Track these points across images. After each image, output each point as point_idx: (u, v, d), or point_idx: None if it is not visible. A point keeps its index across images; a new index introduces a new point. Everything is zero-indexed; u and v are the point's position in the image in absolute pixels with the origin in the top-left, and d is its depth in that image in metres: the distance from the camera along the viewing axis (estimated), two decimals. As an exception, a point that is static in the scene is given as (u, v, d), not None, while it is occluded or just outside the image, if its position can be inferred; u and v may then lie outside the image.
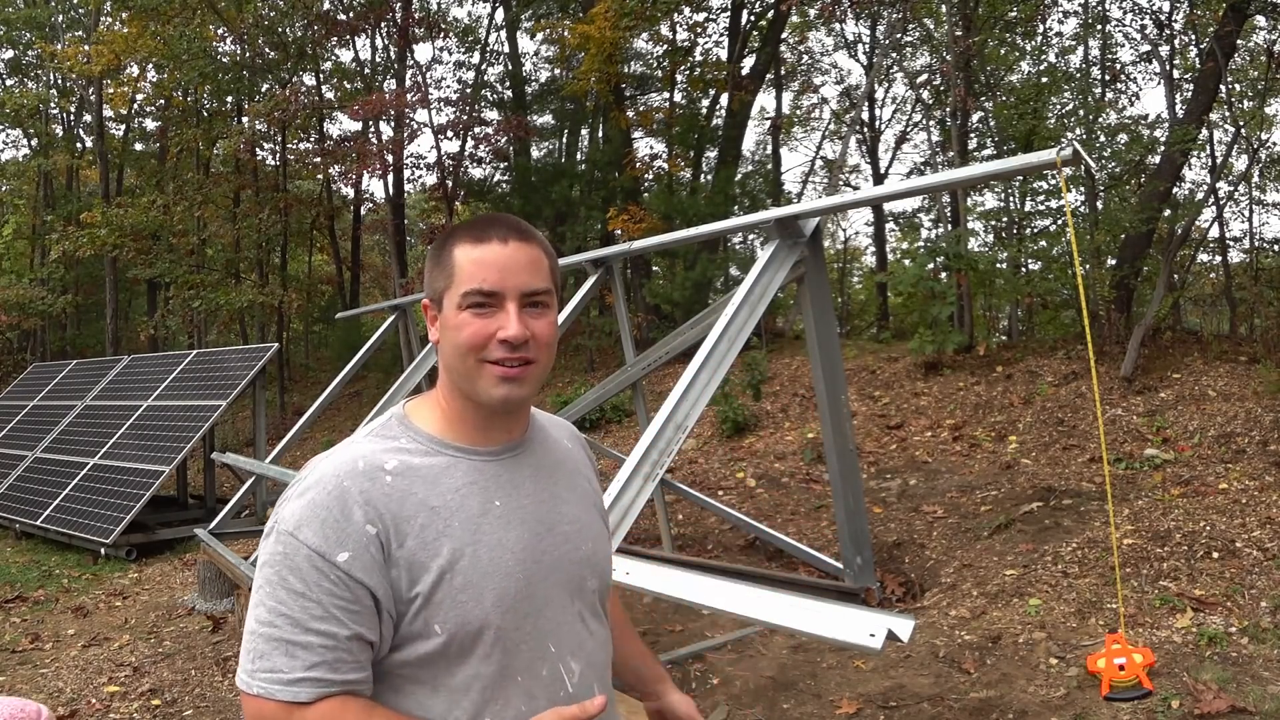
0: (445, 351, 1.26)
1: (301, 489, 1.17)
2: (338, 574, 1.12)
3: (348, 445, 1.24)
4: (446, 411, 1.28)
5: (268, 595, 1.13)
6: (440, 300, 1.26)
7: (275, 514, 1.18)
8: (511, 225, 1.26)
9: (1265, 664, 3.73)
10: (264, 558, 1.16)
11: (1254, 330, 9.59)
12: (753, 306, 3.92)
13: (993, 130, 13.07)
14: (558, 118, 19.12)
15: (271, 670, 1.11)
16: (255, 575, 1.17)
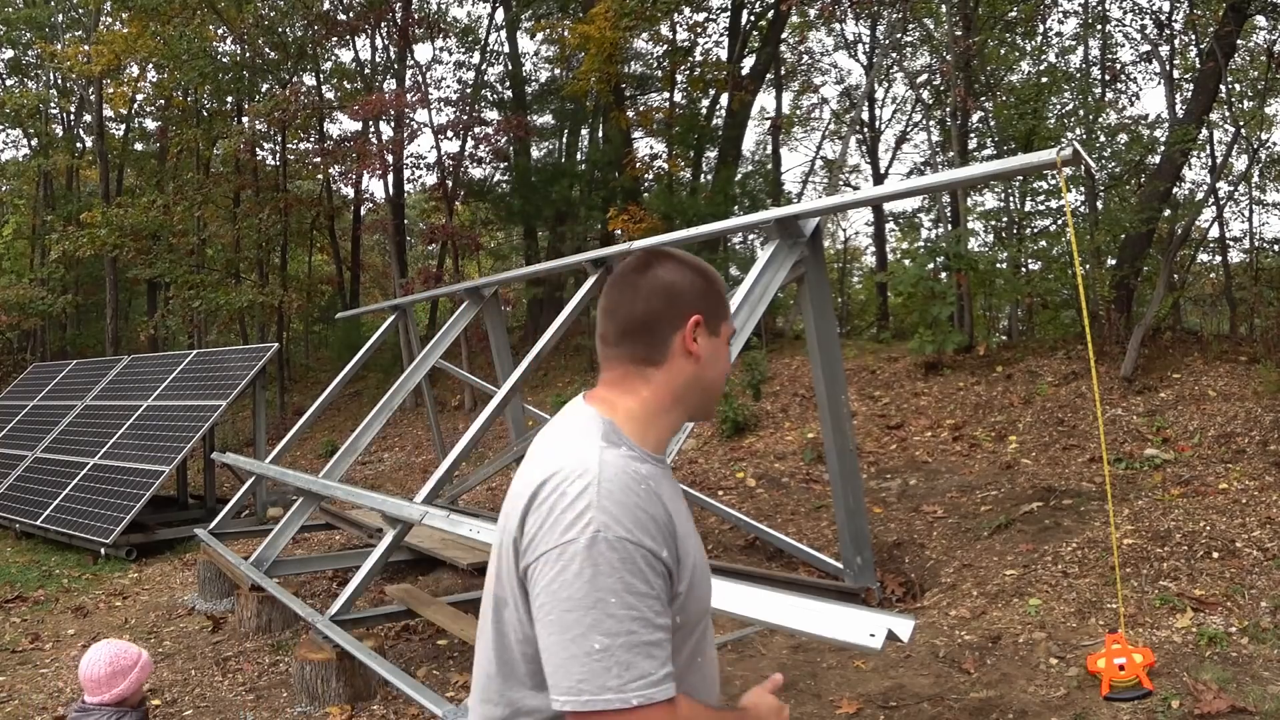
0: (705, 372, 1.36)
1: (602, 494, 1.15)
2: (664, 570, 1.17)
3: (599, 450, 1.22)
4: (651, 421, 1.33)
5: (616, 605, 1.10)
6: (718, 327, 1.37)
7: (575, 526, 1.14)
8: None
9: (1265, 664, 3.73)
10: (601, 566, 1.11)
11: (1254, 330, 9.59)
12: (753, 306, 3.92)
13: (993, 130, 13.06)
14: (558, 118, 19.11)
15: (642, 677, 1.10)
16: (585, 584, 1.11)
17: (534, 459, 1.30)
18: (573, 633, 1.11)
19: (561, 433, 1.32)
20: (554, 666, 1.13)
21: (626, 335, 1.35)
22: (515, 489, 1.28)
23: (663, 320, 1.33)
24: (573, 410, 1.38)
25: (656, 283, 1.35)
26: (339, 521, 8.13)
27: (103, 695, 2.82)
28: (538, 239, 19.31)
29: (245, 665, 5.28)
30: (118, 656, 2.87)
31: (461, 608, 5.26)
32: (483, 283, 6.95)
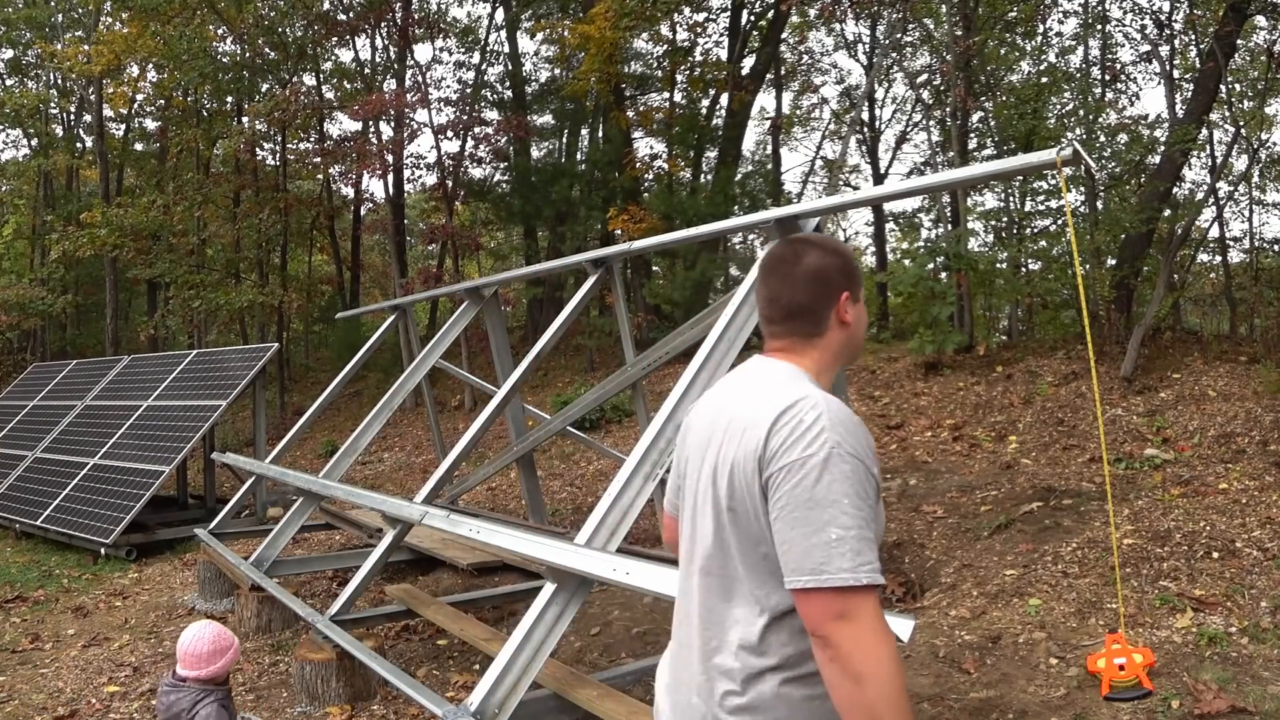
0: (854, 333, 1.71)
1: (832, 420, 1.44)
2: (875, 486, 1.46)
3: (816, 389, 1.54)
4: (822, 375, 1.66)
5: (848, 505, 1.39)
6: (858, 294, 1.70)
7: (815, 444, 1.42)
8: None
9: (1265, 664, 3.73)
10: (830, 473, 1.40)
11: (1254, 330, 9.59)
12: (753, 306, 3.92)
13: (993, 130, 13.06)
14: (558, 118, 19.11)
15: (868, 562, 1.40)
16: (825, 488, 1.39)
17: (743, 398, 1.59)
18: (813, 526, 1.39)
19: (767, 378, 1.61)
20: (796, 554, 1.39)
21: (791, 317, 1.67)
22: (737, 420, 1.55)
23: (820, 302, 1.66)
24: (764, 364, 1.67)
25: (808, 271, 1.66)
26: (339, 521, 8.13)
27: (199, 671, 3.01)
28: (538, 239, 19.31)
29: (245, 665, 5.28)
30: (220, 636, 3.09)
31: (461, 608, 5.26)
32: (483, 283, 6.95)
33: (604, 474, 9.40)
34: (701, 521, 1.61)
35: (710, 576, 1.59)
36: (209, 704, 2.99)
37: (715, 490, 1.57)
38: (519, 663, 3.10)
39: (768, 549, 1.48)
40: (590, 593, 3.81)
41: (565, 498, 8.98)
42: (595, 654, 4.88)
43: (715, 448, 1.59)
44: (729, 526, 1.54)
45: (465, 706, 3.00)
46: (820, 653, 1.39)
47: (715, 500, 1.57)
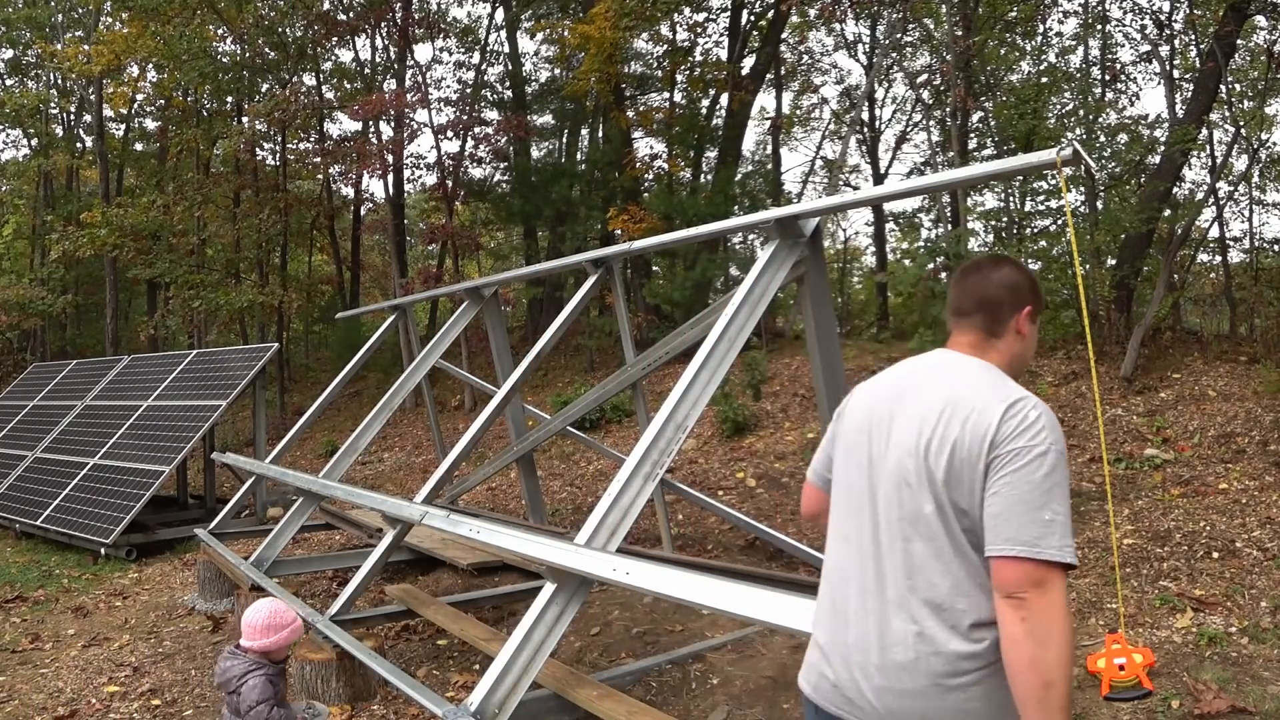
0: (1026, 347, 1.97)
1: (1049, 419, 1.69)
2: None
3: (1022, 390, 1.76)
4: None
5: (1059, 495, 1.62)
6: (1037, 318, 1.97)
7: (1039, 438, 1.66)
8: None
9: (1265, 664, 3.73)
10: (1050, 465, 1.63)
11: (1254, 330, 9.58)
12: (753, 306, 3.92)
13: (993, 130, 13.06)
14: (558, 118, 19.11)
15: (1071, 546, 1.61)
16: (1045, 477, 1.62)
17: (957, 385, 1.81)
18: (1032, 505, 1.60)
19: (975, 371, 1.85)
20: (1013, 526, 1.60)
21: (979, 309, 1.95)
22: (961, 404, 1.75)
23: (1007, 304, 1.92)
24: (961, 358, 1.94)
25: (1004, 277, 1.94)
26: (339, 521, 8.13)
27: (254, 642, 3.19)
28: (538, 239, 19.31)
29: (245, 665, 5.28)
30: (277, 612, 3.25)
31: (461, 608, 5.26)
32: (483, 283, 6.95)
33: (604, 474, 9.40)
34: (900, 492, 1.78)
35: (906, 541, 1.75)
36: (257, 675, 3.13)
37: (927, 464, 1.74)
38: (519, 663, 3.10)
39: (970, 522, 1.68)
40: (590, 593, 3.81)
41: (565, 498, 8.97)
42: (595, 654, 4.88)
43: (928, 427, 1.77)
44: (940, 497, 1.71)
45: (465, 706, 3.00)
46: (1012, 613, 1.58)
47: (927, 473, 1.74)
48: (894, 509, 1.78)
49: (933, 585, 1.70)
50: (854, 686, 1.77)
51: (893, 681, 1.71)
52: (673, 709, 3.97)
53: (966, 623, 1.67)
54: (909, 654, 1.70)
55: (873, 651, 1.75)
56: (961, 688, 1.67)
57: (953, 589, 1.69)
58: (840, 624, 1.83)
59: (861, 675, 1.76)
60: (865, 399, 1.99)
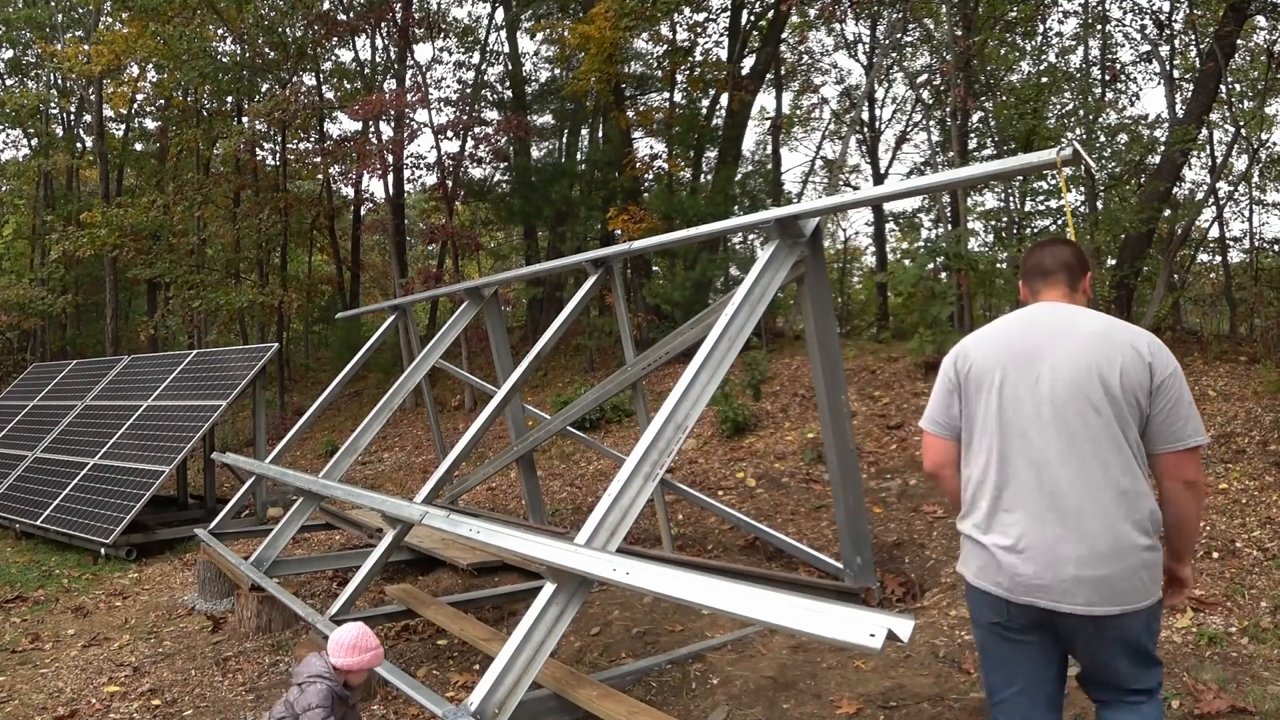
0: (1087, 306, 2.47)
1: (1166, 348, 2.30)
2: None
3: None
4: None
5: (1190, 394, 2.28)
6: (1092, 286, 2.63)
7: (1173, 361, 2.28)
8: None
9: (1265, 664, 3.73)
10: (1182, 379, 2.27)
11: (1254, 330, 9.59)
12: (753, 306, 3.92)
13: (993, 130, 13.07)
14: (558, 118, 19.11)
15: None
16: (1186, 389, 2.28)
17: (1095, 325, 2.31)
18: (1190, 408, 2.27)
19: (1095, 315, 2.36)
20: (1191, 425, 2.26)
21: (1062, 269, 2.47)
22: (1115, 338, 2.28)
23: (1081, 266, 2.49)
24: (1071, 307, 2.41)
25: (1074, 250, 2.49)
26: (339, 521, 8.13)
27: (336, 658, 3.33)
28: (538, 239, 19.31)
29: (245, 665, 5.28)
30: (364, 635, 3.40)
31: (461, 608, 5.26)
32: (483, 283, 6.95)
33: (604, 474, 9.40)
34: (1081, 408, 2.24)
35: (1094, 446, 2.23)
36: (325, 683, 3.27)
37: (1104, 383, 2.23)
38: (519, 663, 3.10)
39: (1135, 432, 2.25)
40: (590, 593, 3.81)
41: (565, 498, 8.97)
42: (595, 654, 4.88)
43: (1094, 354, 2.26)
44: (1119, 409, 2.23)
45: (465, 706, 3.00)
46: (1184, 486, 2.30)
47: (1104, 390, 2.23)
48: (1076, 424, 2.24)
49: (1118, 482, 2.21)
50: (1053, 574, 2.23)
51: (1096, 567, 2.20)
52: (673, 709, 3.97)
53: (1144, 510, 2.22)
54: (1108, 541, 2.20)
55: (1074, 543, 2.21)
56: (1144, 565, 2.22)
57: (1133, 484, 2.22)
58: (1035, 524, 2.26)
59: (1063, 564, 2.22)
60: (986, 347, 2.42)
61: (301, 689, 3.26)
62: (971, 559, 2.42)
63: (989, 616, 2.41)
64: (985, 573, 2.36)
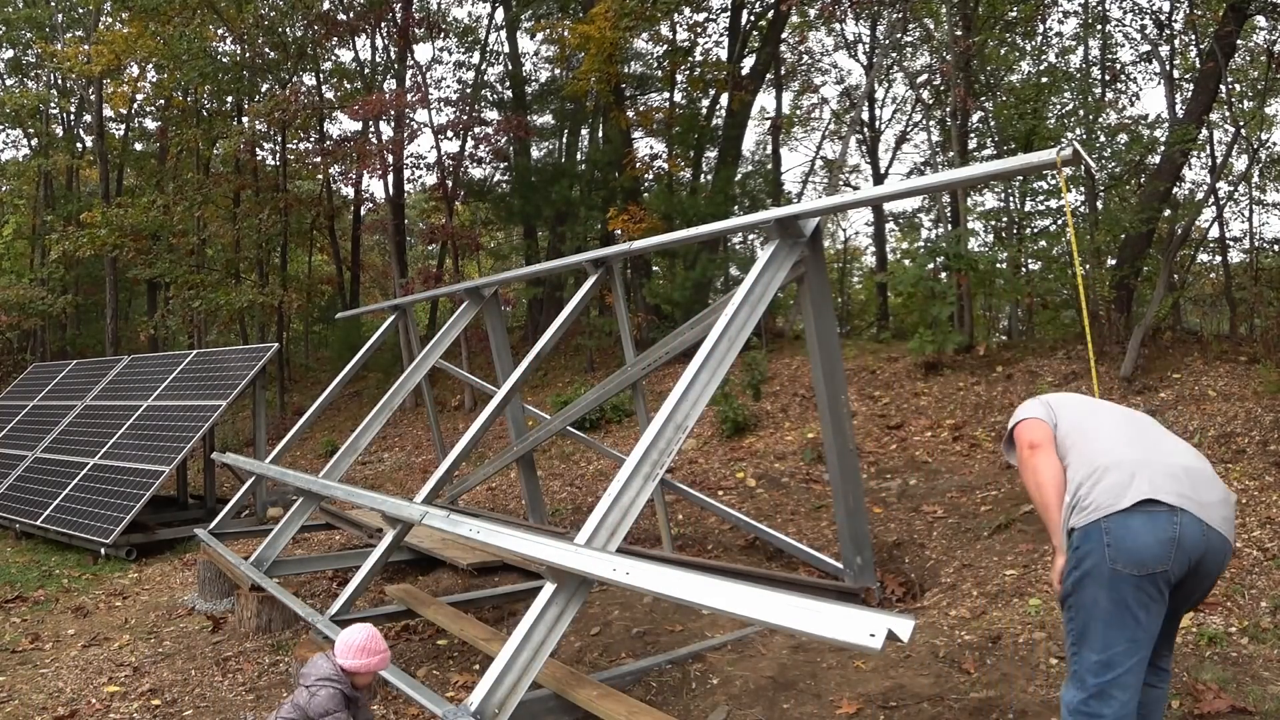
0: None
1: None
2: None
3: None
4: None
5: None
6: None
7: None
8: None
9: (1265, 664, 3.73)
10: None
11: (1254, 330, 9.58)
12: (753, 306, 3.92)
13: (993, 130, 13.06)
14: (558, 118, 19.10)
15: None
16: None
17: None
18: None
19: None
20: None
21: None
22: None
23: None
24: None
25: None
26: (339, 521, 8.13)
27: (344, 659, 3.34)
28: (538, 239, 19.31)
29: (245, 665, 5.29)
30: (374, 638, 3.41)
31: (461, 608, 5.26)
32: (483, 283, 6.95)
33: (604, 474, 9.40)
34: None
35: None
36: (334, 686, 3.29)
37: None
38: (519, 663, 3.10)
39: None
40: (590, 593, 3.81)
41: (565, 498, 8.98)
42: (595, 654, 4.88)
43: None
44: None
45: (465, 706, 3.00)
46: None
47: None
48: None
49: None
50: (1204, 513, 2.49)
51: (1226, 511, 2.55)
52: (673, 709, 3.97)
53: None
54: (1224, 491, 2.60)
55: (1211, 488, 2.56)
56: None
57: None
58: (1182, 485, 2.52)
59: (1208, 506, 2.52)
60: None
61: (311, 692, 3.27)
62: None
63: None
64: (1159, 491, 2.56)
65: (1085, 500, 2.55)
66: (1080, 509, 2.56)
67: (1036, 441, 2.76)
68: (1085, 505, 2.54)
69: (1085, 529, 2.52)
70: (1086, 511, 2.53)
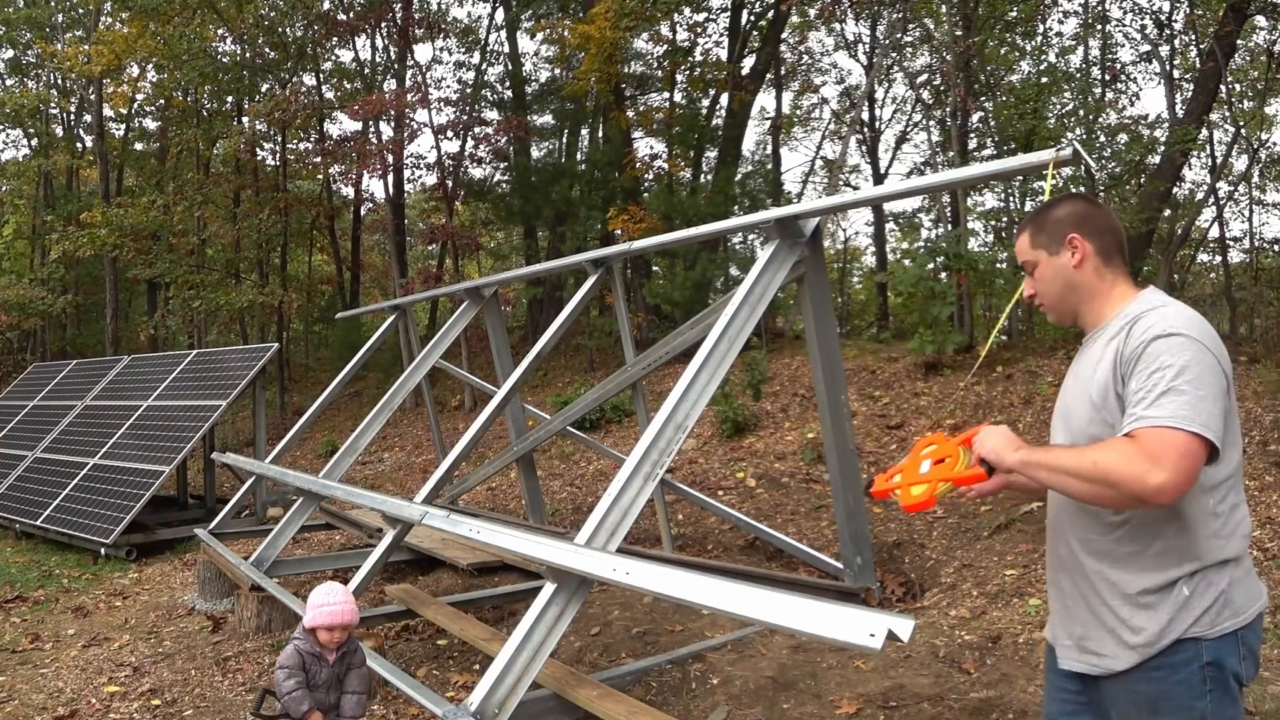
0: None
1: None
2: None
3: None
4: None
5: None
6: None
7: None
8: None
9: (1265, 664, 3.73)
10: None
11: (1254, 330, 9.60)
12: (753, 306, 3.92)
13: (993, 130, 13.06)
14: (558, 118, 19.10)
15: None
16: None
17: None
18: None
19: None
20: None
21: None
22: None
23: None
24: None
25: None
26: (339, 521, 8.13)
27: (304, 620, 3.31)
28: (538, 239, 19.31)
29: (245, 665, 5.29)
30: (326, 592, 3.33)
31: (461, 608, 5.26)
32: (483, 283, 6.95)
33: (604, 474, 9.40)
34: None
35: None
36: (291, 644, 3.31)
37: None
38: (519, 663, 3.10)
39: None
40: (590, 593, 3.81)
41: (565, 498, 8.98)
42: (595, 654, 4.88)
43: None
44: None
45: (465, 706, 3.00)
46: None
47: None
48: None
49: None
50: None
51: None
52: (673, 709, 3.97)
53: None
54: None
55: None
56: None
57: None
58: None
59: None
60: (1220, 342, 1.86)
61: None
62: (1250, 587, 1.85)
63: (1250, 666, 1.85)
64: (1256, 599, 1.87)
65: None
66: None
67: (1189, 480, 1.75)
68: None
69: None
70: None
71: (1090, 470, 1.72)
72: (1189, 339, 1.75)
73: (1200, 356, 1.74)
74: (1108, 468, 1.69)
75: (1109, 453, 1.72)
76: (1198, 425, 1.67)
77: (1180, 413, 1.68)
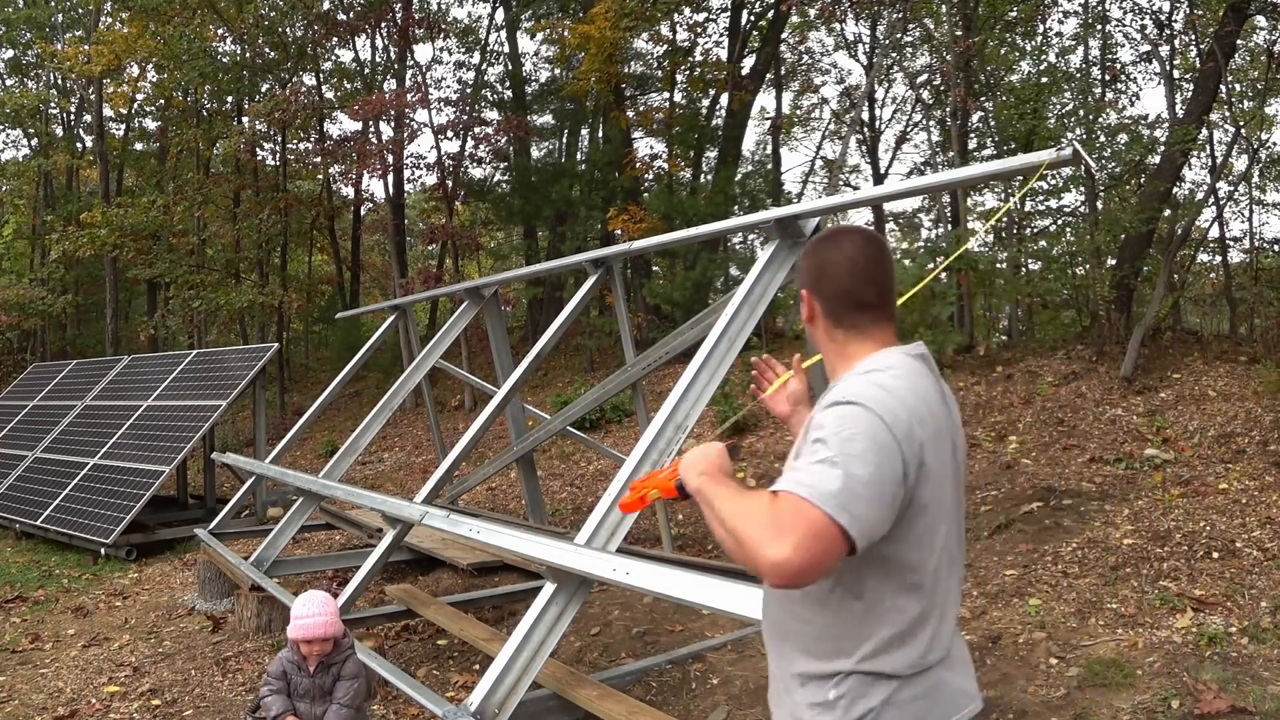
0: None
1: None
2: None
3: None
4: None
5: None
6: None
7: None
8: None
9: (1265, 664, 3.73)
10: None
11: (1254, 330, 9.59)
12: (753, 306, 3.92)
13: (993, 130, 13.05)
14: (558, 118, 19.11)
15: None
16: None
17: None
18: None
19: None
20: None
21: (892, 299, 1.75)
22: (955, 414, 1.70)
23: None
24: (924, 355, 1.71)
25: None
26: (339, 521, 8.13)
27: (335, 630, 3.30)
28: (538, 239, 19.31)
29: (245, 665, 5.29)
30: (304, 603, 3.30)
31: (461, 608, 5.26)
32: (483, 283, 6.95)
33: (604, 474, 9.40)
34: (956, 511, 1.66)
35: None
36: (282, 652, 3.34)
37: (958, 475, 1.67)
38: (519, 663, 3.10)
39: None
40: (590, 593, 3.81)
41: (565, 498, 8.98)
42: (595, 654, 4.88)
43: (959, 437, 1.69)
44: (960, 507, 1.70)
45: (465, 706, 3.00)
46: None
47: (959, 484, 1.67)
48: (957, 532, 1.65)
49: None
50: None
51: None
52: (673, 709, 3.97)
53: None
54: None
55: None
56: None
57: None
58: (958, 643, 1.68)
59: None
60: (918, 412, 1.55)
61: None
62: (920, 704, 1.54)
63: None
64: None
65: None
66: None
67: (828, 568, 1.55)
68: None
69: None
70: None
71: (730, 519, 1.49)
72: (864, 410, 1.48)
73: (874, 433, 1.46)
74: (742, 521, 1.46)
75: (752, 505, 1.48)
76: (834, 507, 1.38)
77: (825, 488, 1.40)
